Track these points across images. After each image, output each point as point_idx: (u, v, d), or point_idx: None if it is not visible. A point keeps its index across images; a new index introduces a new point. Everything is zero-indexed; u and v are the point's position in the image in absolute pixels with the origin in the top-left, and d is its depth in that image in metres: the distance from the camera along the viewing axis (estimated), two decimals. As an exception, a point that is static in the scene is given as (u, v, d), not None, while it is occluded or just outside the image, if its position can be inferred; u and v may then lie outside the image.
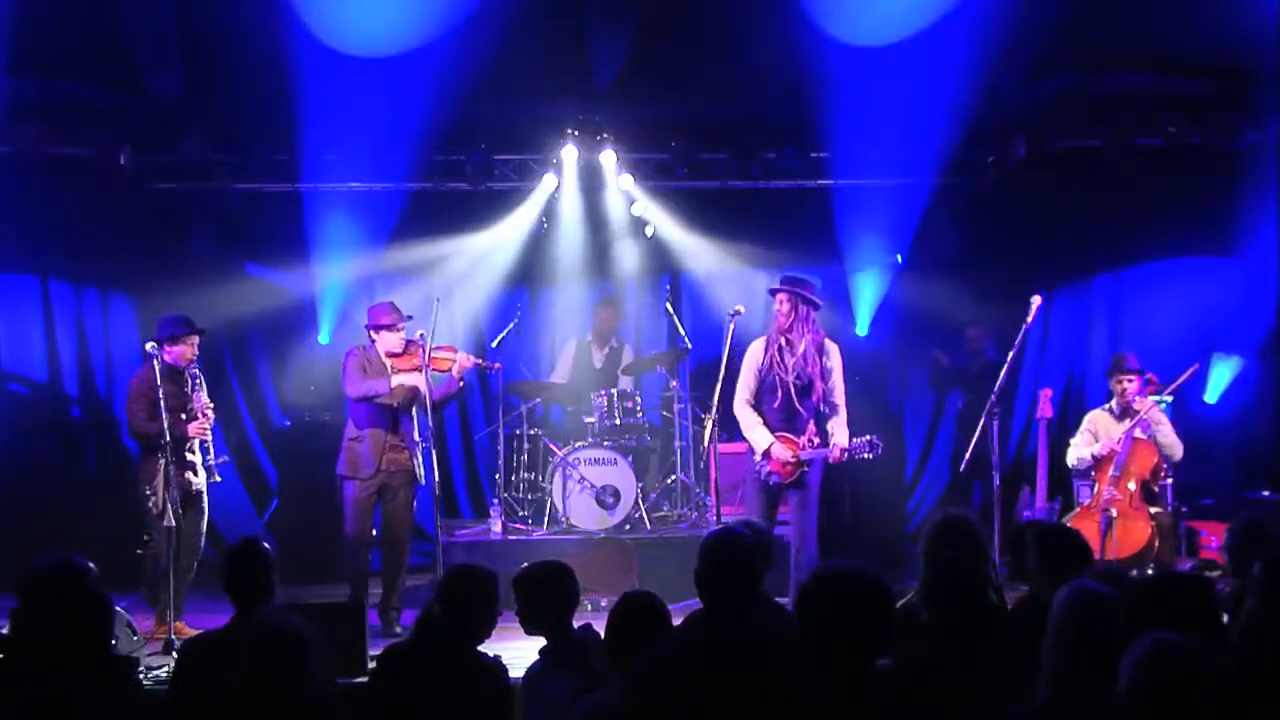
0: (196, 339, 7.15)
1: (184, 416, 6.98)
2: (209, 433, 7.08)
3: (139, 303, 9.63)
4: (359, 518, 7.19)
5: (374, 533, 7.32)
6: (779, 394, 6.86)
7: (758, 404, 6.98)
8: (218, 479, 7.27)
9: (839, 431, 6.91)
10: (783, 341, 6.91)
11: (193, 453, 7.10)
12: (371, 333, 7.33)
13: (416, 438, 7.32)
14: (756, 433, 6.91)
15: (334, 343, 9.81)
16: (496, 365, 8.38)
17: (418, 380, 7.11)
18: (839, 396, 6.99)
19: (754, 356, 7.01)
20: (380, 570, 7.30)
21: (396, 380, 7.13)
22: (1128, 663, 2.79)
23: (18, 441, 9.15)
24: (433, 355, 7.15)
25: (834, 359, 7.00)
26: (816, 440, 6.88)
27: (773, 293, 7.05)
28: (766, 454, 6.83)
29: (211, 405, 7.17)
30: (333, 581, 7.63)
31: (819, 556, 6.84)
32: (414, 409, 7.31)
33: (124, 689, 3.66)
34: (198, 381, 7.11)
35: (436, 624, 4.13)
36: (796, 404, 6.86)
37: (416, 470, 7.26)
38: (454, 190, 9.84)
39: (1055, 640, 3.26)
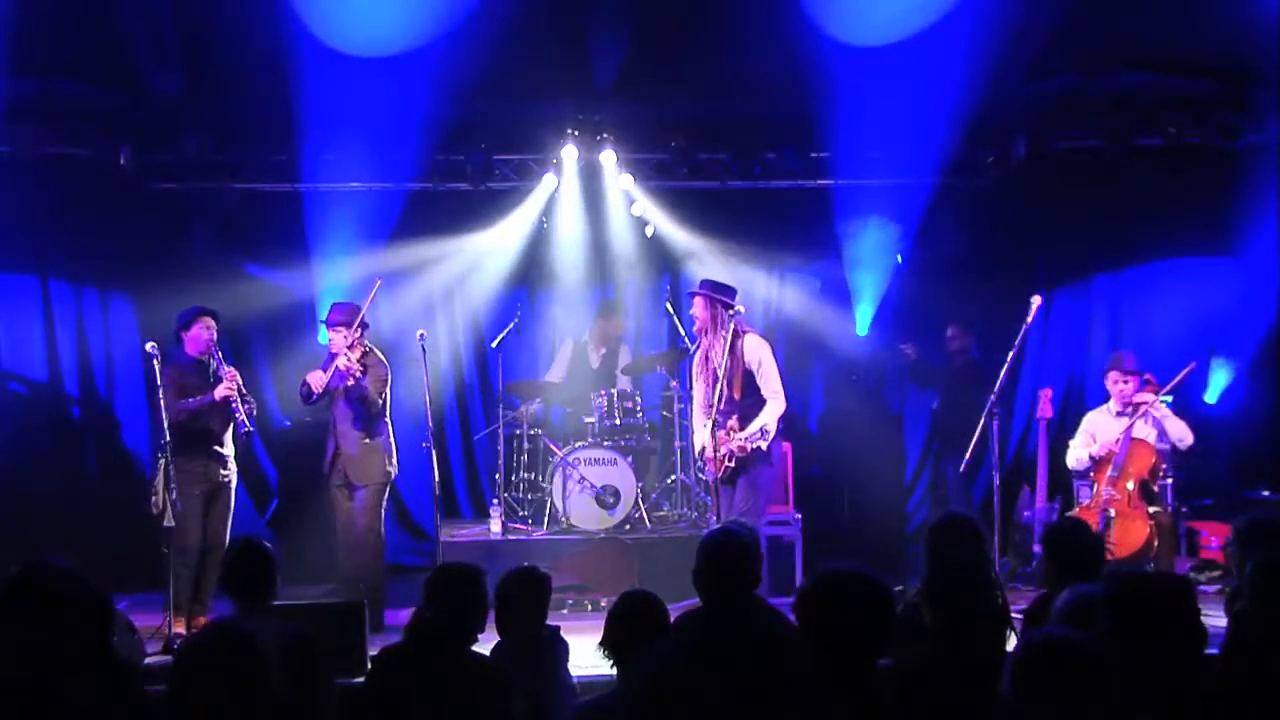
0: (210, 319, 7.18)
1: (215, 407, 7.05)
2: (233, 390, 7.04)
3: (139, 303, 9.63)
4: (333, 519, 7.44)
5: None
6: (707, 393, 7.05)
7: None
8: (251, 428, 7.19)
9: (764, 418, 6.95)
10: (704, 343, 7.11)
11: (223, 445, 7.14)
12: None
13: (367, 440, 7.39)
14: (696, 436, 7.21)
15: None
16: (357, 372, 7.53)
17: (314, 377, 7.38)
18: (767, 386, 7.01)
19: (695, 363, 7.29)
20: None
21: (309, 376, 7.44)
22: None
23: (18, 441, 9.14)
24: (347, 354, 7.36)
25: (753, 352, 7.02)
26: (734, 434, 6.95)
27: (691, 297, 7.28)
28: (702, 453, 7.07)
29: (235, 370, 7.17)
30: (333, 582, 7.64)
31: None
32: (356, 409, 7.37)
33: (123, 692, 3.64)
34: (219, 360, 7.10)
35: (427, 625, 4.12)
36: (717, 400, 7.00)
37: (353, 472, 7.34)
38: (454, 190, 9.84)
39: None
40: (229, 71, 8.41)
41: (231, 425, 7.17)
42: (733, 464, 6.94)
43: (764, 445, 6.89)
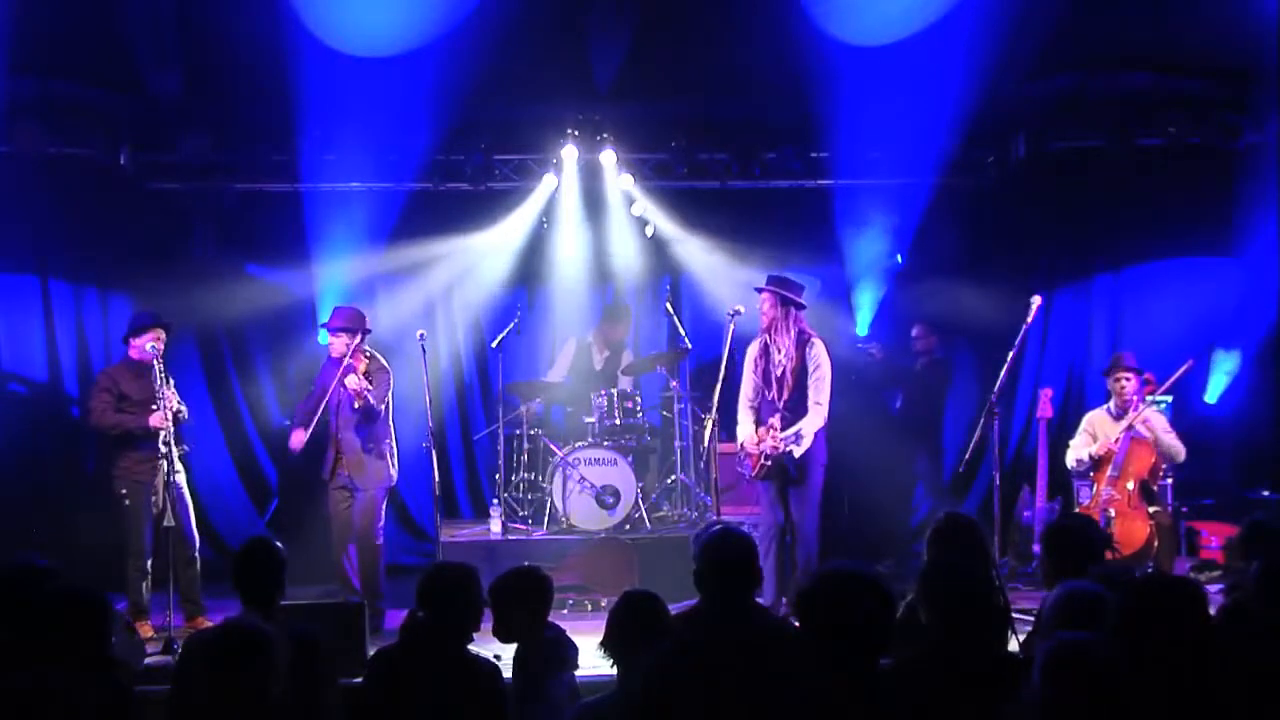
0: (162, 332, 7.10)
1: (153, 409, 6.92)
2: (167, 423, 6.87)
3: (139, 303, 9.57)
4: (331, 521, 7.46)
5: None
6: (763, 390, 7.05)
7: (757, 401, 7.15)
8: (179, 470, 7.01)
9: (801, 425, 6.94)
10: (767, 339, 7.08)
11: (166, 444, 7.02)
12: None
13: (371, 445, 7.37)
14: (739, 430, 7.19)
15: (334, 343, 9.82)
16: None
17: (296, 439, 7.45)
18: (815, 394, 7.00)
19: (750, 358, 7.24)
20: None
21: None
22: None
23: (18, 441, 9.14)
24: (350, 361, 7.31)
25: (816, 356, 7.03)
26: (774, 433, 6.95)
27: (759, 291, 7.22)
28: (742, 448, 7.07)
29: (174, 395, 7.07)
30: (333, 582, 7.64)
31: (819, 555, 6.88)
32: (359, 417, 7.34)
33: (113, 690, 3.64)
34: (161, 376, 6.95)
35: (421, 626, 4.11)
36: (774, 398, 7.00)
37: (356, 478, 7.34)
38: (454, 190, 9.85)
39: (1041, 639, 3.28)
40: (229, 71, 8.41)
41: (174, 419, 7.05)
42: (769, 463, 6.94)
43: (797, 452, 6.89)
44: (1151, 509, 7.37)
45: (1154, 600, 3.14)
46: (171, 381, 7.15)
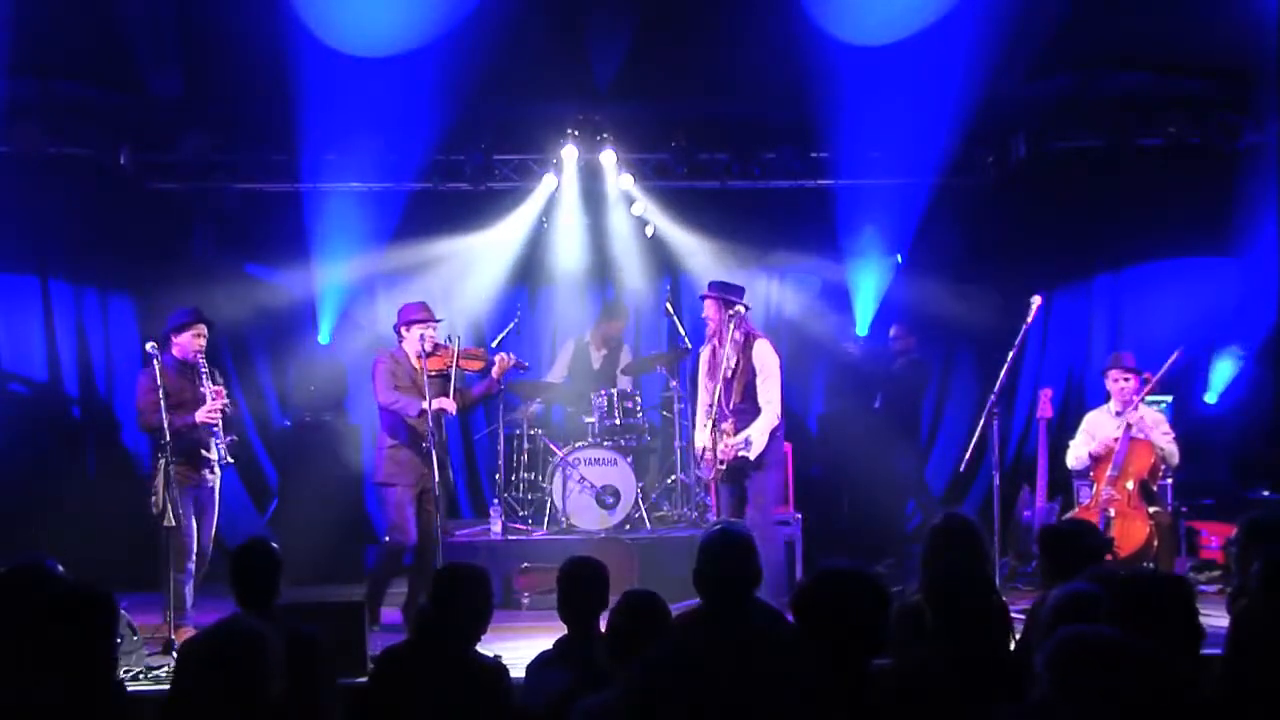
0: (203, 327, 7.05)
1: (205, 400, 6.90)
2: (217, 416, 6.92)
3: (139, 303, 9.64)
4: (406, 524, 7.11)
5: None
6: (711, 392, 7.09)
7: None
8: (231, 460, 7.08)
9: (750, 430, 6.95)
10: (715, 344, 7.14)
11: (208, 450, 7.04)
12: (402, 330, 7.35)
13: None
14: (696, 435, 7.31)
15: (334, 343, 9.83)
16: (526, 364, 8.19)
17: (448, 405, 7.14)
18: (764, 394, 7.00)
19: (702, 362, 7.33)
20: (408, 572, 7.35)
21: (434, 404, 7.08)
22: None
23: (18, 441, 9.14)
24: (463, 358, 7.25)
25: (760, 356, 7.03)
26: (726, 437, 6.98)
27: (702, 299, 7.30)
28: (702, 453, 7.13)
29: (222, 389, 7.06)
30: (333, 582, 7.64)
31: (781, 556, 7.02)
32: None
33: (114, 692, 3.64)
34: (205, 372, 6.98)
35: (430, 624, 4.12)
36: (722, 400, 7.03)
37: (439, 479, 7.26)
38: (454, 190, 9.85)
39: (1043, 641, 3.28)
40: (229, 71, 8.41)
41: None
42: (723, 466, 6.98)
43: (750, 456, 6.90)
44: (1151, 509, 7.37)
45: (1144, 597, 3.14)
46: (217, 376, 7.12)
